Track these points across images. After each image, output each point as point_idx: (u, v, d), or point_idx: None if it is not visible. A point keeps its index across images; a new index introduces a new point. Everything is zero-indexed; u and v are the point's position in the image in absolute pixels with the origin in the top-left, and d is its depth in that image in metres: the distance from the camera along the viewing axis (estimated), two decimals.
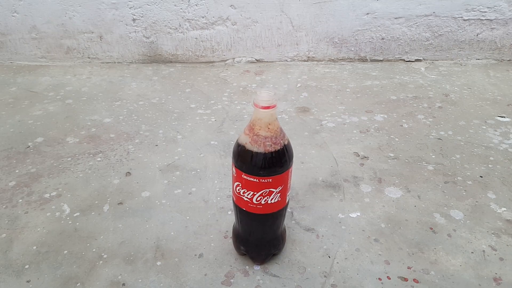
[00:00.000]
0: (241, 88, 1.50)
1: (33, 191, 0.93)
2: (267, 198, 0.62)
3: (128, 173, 0.99)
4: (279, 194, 0.62)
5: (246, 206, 0.64)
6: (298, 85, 1.52)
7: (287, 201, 0.66)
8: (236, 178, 0.63)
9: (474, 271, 0.70)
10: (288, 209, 0.85)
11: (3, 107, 1.36)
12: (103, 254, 0.75)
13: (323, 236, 0.78)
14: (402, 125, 1.21)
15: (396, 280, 0.69)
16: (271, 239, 0.70)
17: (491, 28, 1.66)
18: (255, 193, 0.61)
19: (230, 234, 0.78)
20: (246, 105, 1.36)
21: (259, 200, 0.62)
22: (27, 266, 0.72)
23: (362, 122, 1.23)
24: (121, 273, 0.71)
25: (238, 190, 0.63)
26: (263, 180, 0.60)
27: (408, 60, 1.75)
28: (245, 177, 0.61)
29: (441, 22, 1.66)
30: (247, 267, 0.72)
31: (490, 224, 0.81)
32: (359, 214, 0.84)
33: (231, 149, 0.64)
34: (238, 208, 0.66)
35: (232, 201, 0.68)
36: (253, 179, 0.60)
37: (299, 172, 0.98)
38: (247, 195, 0.62)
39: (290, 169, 0.63)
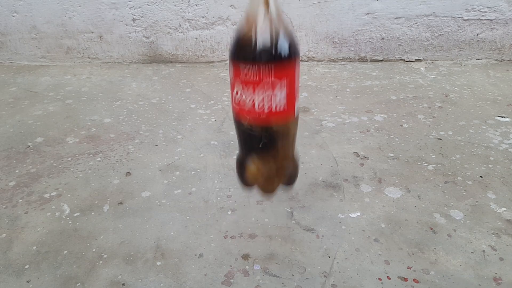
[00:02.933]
0: None
1: (33, 191, 0.93)
2: (270, 101, 0.52)
3: (128, 173, 0.99)
4: (284, 98, 0.53)
5: (247, 116, 0.55)
6: None
7: (296, 114, 0.57)
8: (234, 81, 0.54)
9: (474, 271, 0.70)
10: (288, 209, 0.85)
11: (3, 107, 1.36)
12: (103, 254, 0.75)
13: (323, 236, 0.78)
14: (402, 125, 1.21)
15: (396, 280, 0.69)
16: (282, 160, 0.60)
17: (491, 28, 1.66)
18: (255, 93, 0.52)
19: (230, 234, 0.78)
20: None
21: (260, 105, 0.53)
22: (27, 266, 0.72)
23: (362, 122, 1.23)
24: (121, 273, 0.71)
25: (236, 96, 0.54)
26: (262, 69, 0.51)
27: (408, 60, 1.75)
28: (242, 72, 0.52)
29: (441, 22, 1.66)
30: (247, 267, 0.72)
31: (490, 224, 0.81)
32: (359, 214, 0.84)
33: (231, 149, 0.63)
34: (238, 124, 0.57)
35: (234, 125, 0.59)
36: (250, 70, 0.51)
37: (299, 172, 0.98)
38: (247, 99, 0.53)
39: (295, 65, 0.53)
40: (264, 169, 0.60)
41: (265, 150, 0.58)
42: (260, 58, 0.51)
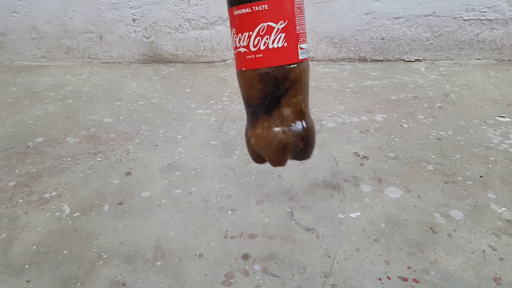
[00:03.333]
0: None
1: (33, 191, 0.93)
2: (267, 39, 0.48)
3: (128, 173, 0.99)
4: (283, 35, 0.48)
5: (244, 61, 0.50)
6: None
7: (300, 56, 0.50)
8: (232, 26, 0.50)
9: (474, 271, 0.70)
10: (288, 209, 0.85)
11: (3, 107, 1.36)
12: (103, 254, 0.75)
13: (323, 236, 0.78)
14: (402, 125, 1.21)
15: (396, 280, 0.69)
16: (289, 118, 0.52)
17: (491, 28, 1.66)
18: (251, 33, 0.48)
19: (230, 234, 0.78)
20: None
21: (257, 45, 0.48)
22: (27, 266, 0.72)
23: (362, 122, 1.23)
24: (121, 273, 0.71)
25: (235, 40, 0.50)
26: (256, 8, 0.47)
27: (408, 60, 1.75)
28: (237, 12, 0.48)
29: (441, 22, 1.66)
30: (247, 267, 0.72)
31: (490, 224, 0.81)
32: (359, 214, 0.84)
33: (231, 149, 0.62)
34: (239, 76, 0.52)
35: (238, 83, 0.54)
36: (244, 10, 0.47)
37: (299, 172, 0.98)
38: (243, 40, 0.49)
39: (292, 3, 0.49)
40: (270, 130, 0.52)
41: (268, 104, 0.51)
42: None
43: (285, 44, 0.48)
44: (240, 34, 0.48)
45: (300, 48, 0.50)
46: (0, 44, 1.77)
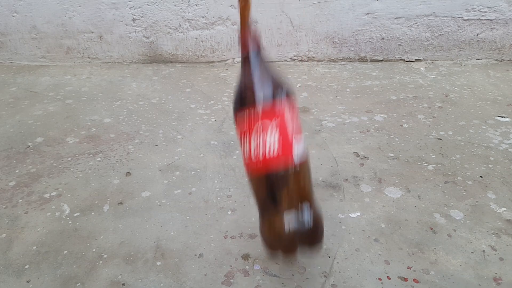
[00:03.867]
0: None
1: (33, 191, 0.93)
2: (264, 150, 0.52)
3: (128, 173, 0.99)
4: (277, 145, 0.52)
5: (250, 170, 0.55)
6: (298, 85, 1.52)
7: (296, 159, 0.54)
8: (237, 131, 0.55)
9: (474, 271, 0.70)
10: None
11: (3, 107, 1.36)
12: (103, 254, 0.75)
13: None
14: (402, 125, 1.21)
15: (396, 280, 0.69)
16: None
17: (491, 28, 1.66)
18: (250, 142, 0.52)
19: (230, 234, 0.78)
20: None
21: (257, 156, 0.52)
22: (27, 266, 0.72)
23: (362, 122, 1.23)
24: (121, 273, 0.71)
25: (242, 151, 0.54)
26: (252, 111, 0.51)
27: (408, 60, 1.75)
28: (239, 124, 0.53)
29: (441, 22, 1.66)
30: (247, 267, 0.72)
31: (490, 224, 0.81)
32: (359, 214, 0.84)
33: (231, 149, 0.63)
34: (248, 181, 0.57)
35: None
36: (242, 118, 0.52)
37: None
38: (246, 151, 0.53)
39: (282, 108, 0.53)
40: (277, 223, 0.56)
41: (273, 201, 0.56)
42: (244, 103, 0.53)
43: (281, 153, 0.52)
44: (242, 138, 0.53)
45: (295, 151, 0.55)
46: (0, 44, 1.77)
